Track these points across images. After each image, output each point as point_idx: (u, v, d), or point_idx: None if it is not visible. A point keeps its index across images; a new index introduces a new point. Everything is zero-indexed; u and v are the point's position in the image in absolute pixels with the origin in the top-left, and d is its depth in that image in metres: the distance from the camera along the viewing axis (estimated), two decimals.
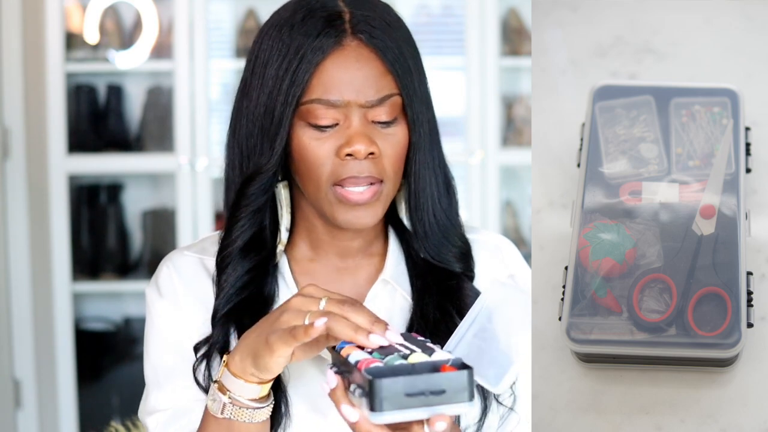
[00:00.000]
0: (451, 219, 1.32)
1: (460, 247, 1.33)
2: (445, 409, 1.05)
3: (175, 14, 3.49)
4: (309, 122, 1.23)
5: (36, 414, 3.52)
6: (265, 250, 1.29)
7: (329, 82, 1.22)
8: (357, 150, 1.22)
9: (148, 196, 3.79)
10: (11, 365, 3.49)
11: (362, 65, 1.23)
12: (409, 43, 1.27)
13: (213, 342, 1.27)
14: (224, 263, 1.29)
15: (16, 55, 3.45)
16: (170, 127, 3.56)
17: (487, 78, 3.51)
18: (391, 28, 1.25)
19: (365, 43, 1.23)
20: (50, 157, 3.49)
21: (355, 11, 1.24)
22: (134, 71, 3.66)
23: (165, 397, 1.29)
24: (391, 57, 1.24)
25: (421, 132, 1.27)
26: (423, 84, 1.28)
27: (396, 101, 1.24)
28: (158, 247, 3.62)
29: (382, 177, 1.24)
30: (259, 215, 1.28)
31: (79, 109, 3.65)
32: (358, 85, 1.22)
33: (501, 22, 3.59)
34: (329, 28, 1.23)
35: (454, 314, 1.29)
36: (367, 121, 1.23)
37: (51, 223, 3.51)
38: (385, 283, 1.32)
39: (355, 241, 1.32)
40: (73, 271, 3.54)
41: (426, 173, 1.28)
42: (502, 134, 3.61)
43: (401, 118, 1.25)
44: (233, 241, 1.28)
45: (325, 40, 1.22)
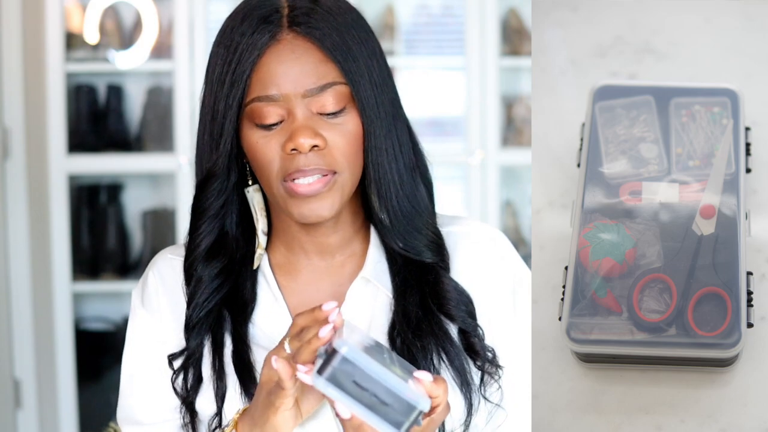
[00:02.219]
0: (415, 205, 1.28)
1: (428, 236, 1.30)
2: (370, 418, 1.07)
3: (175, 14, 3.49)
4: (255, 122, 1.22)
5: (36, 414, 3.52)
6: (232, 255, 1.29)
7: (266, 77, 1.21)
8: (300, 144, 1.20)
9: (148, 196, 3.79)
10: (11, 365, 3.49)
11: (298, 55, 1.21)
12: (356, 28, 1.24)
13: (189, 354, 1.27)
14: (191, 270, 1.28)
15: (16, 55, 3.45)
16: (170, 127, 3.56)
17: (487, 78, 3.51)
18: (331, 15, 1.23)
19: (301, 35, 1.21)
20: (50, 157, 3.49)
21: (294, 4, 1.23)
22: (134, 71, 3.65)
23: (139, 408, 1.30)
24: (330, 44, 1.21)
25: (373, 118, 1.24)
26: (374, 68, 1.25)
27: (341, 90, 1.22)
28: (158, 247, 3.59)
29: (333, 168, 1.22)
30: (218, 220, 1.28)
31: (79, 109, 3.65)
32: (295, 76, 1.20)
33: (501, 22, 3.59)
34: (264, 24, 1.22)
35: (435, 311, 1.28)
36: (312, 114, 1.21)
37: (51, 223, 3.51)
38: (365, 282, 1.30)
39: (330, 237, 1.30)
40: (73, 271, 3.54)
41: (383, 160, 1.25)
42: (502, 134, 3.61)
43: (351, 106, 1.23)
44: (196, 247, 1.28)
45: (259, 37, 1.21)
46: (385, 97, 1.25)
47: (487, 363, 1.29)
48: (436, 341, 1.27)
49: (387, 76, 1.27)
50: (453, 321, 1.28)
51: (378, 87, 1.24)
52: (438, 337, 1.27)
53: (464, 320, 1.29)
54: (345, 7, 1.25)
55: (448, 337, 1.28)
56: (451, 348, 1.27)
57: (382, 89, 1.25)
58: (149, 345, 1.30)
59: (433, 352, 1.26)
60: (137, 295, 1.33)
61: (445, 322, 1.28)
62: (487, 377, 1.29)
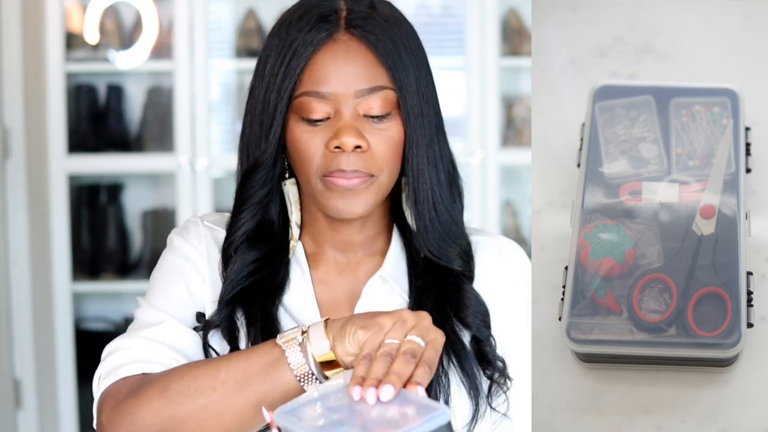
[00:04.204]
0: (453, 216, 1.32)
1: (462, 245, 1.33)
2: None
3: (175, 14, 3.49)
4: (302, 116, 1.25)
5: (36, 414, 3.53)
6: (273, 243, 1.31)
7: (320, 74, 1.24)
8: (344, 142, 1.23)
9: (148, 196, 3.79)
10: (11, 365, 3.49)
11: (353, 56, 1.24)
12: (408, 39, 1.28)
13: (214, 323, 1.27)
14: (229, 251, 1.30)
15: (16, 55, 3.45)
16: (170, 127, 3.56)
17: (487, 78, 3.51)
18: (387, 23, 1.26)
19: (357, 37, 1.25)
20: (50, 157, 3.49)
21: (352, 8, 1.26)
22: (134, 71, 3.65)
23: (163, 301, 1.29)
24: (383, 50, 1.24)
25: (416, 126, 1.27)
26: (422, 79, 1.28)
27: (389, 95, 1.25)
28: (158, 247, 3.60)
29: (371, 171, 1.25)
30: (261, 208, 1.30)
31: (79, 109, 3.65)
32: (348, 76, 1.23)
33: (501, 22, 3.59)
34: (322, 23, 1.25)
35: (451, 316, 1.29)
36: (359, 115, 1.24)
37: (51, 223, 3.51)
38: (383, 281, 1.32)
39: (356, 236, 1.32)
40: (73, 271, 3.54)
41: (424, 168, 1.28)
42: (502, 134, 3.61)
43: (396, 113, 1.26)
44: (236, 230, 1.30)
45: (316, 34, 1.24)
46: (429, 108, 1.28)
47: (497, 373, 1.30)
48: (449, 344, 1.27)
49: (433, 89, 1.30)
50: (468, 328, 1.30)
51: (424, 98, 1.28)
52: (450, 340, 1.28)
53: (479, 328, 1.31)
54: (400, 17, 1.29)
55: (460, 342, 1.29)
56: (462, 351, 1.29)
57: (428, 100, 1.28)
58: (189, 267, 1.31)
59: (443, 355, 1.27)
60: (177, 235, 1.35)
61: (459, 328, 1.30)
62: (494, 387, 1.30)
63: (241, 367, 1.14)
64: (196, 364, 1.18)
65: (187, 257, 1.32)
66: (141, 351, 1.24)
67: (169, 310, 1.28)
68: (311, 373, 1.12)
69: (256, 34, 3.64)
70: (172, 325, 1.27)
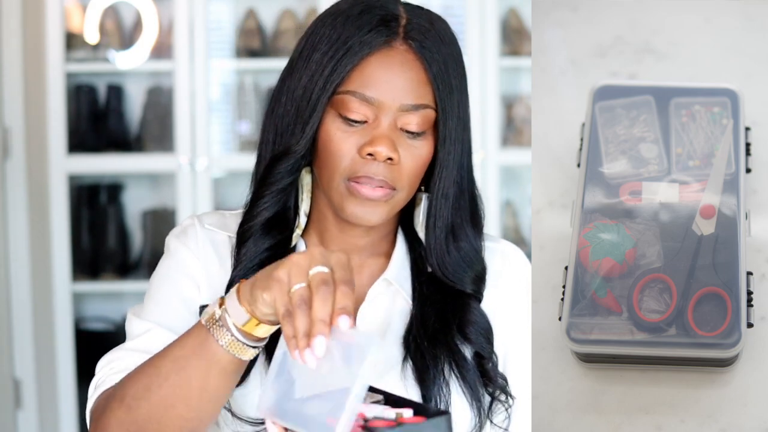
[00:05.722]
0: (473, 242, 1.32)
1: (477, 271, 1.33)
2: None
3: (175, 14, 3.49)
4: (340, 113, 1.24)
5: (36, 414, 3.53)
6: (288, 231, 1.30)
7: (370, 77, 1.23)
8: (378, 151, 1.22)
9: (148, 196, 3.79)
10: (11, 365, 3.49)
11: (406, 69, 1.23)
12: (457, 62, 1.28)
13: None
14: (245, 236, 1.29)
15: (16, 55, 3.45)
16: (170, 127, 3.56)
17: (487, 78, 3.51)
18: (442, 43, 1.26)
19: (414, 50, 1.24)
20: (50, 157, 3.49)
21: (412, 19, 1.25)
22: (134, 71, 3.65)
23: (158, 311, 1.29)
24: (436, 70, 1.24)
25: (450, 149, 1.27)
26: (463, 104, 1.28)
27: (429, 115, 1.25)
28: (158, 247, 3.60)
29: (395, 185, 1.24)
30: (284, 195, 1.29)
31: (79, 109, 3.65)
32: (397, 88, 1.23)
33: (501, 22, 3.59)
34: (382, 27, 1.24)
35: (453, 327, 1.29)
36: (396, 127, 1.24)
37: (51, 223, 3.51)
38: (387, 284, 1.32)
39: (362, 239, 1.32)
40: (73, 271, 3.54)
41: (449, 192, 1.28)
42: (502, 134, 3.61)
43: (430, 133, 1.26)
44: (255, 216, 1.29)
45: (375, 36, 1.23)
46: (465, 134, 1.29)
47: (498, 389, 1.30)
48: (450, 354, 1.28)
49: (469, 114, 1.30)
50: (471, 344, 1.30)
51: (461, 122, 1.28)
52: (453, 351, 1.28)
53: (482, 345, 1.31)
54: (453, 38, 1.29)
55: (461, 353, 1.29)
56: (463, 363, 1.29)
57: (465, 126, 1.29)
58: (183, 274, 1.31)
59: (444, 363, 1.28)
60: (175, 237, 1.34)
61: (461, 341, 1.30)
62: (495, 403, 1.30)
63: (176, 356, 1.13)
64: (142, 366, 1.17)
65: (182, 263, 1.31)
66: (124, 362, 1.24)
67: (156, 319, 1.28)
68: (240, 342, 1.10)
69: (256, 34, 3.64)
70: (158, 333, 1.26)
